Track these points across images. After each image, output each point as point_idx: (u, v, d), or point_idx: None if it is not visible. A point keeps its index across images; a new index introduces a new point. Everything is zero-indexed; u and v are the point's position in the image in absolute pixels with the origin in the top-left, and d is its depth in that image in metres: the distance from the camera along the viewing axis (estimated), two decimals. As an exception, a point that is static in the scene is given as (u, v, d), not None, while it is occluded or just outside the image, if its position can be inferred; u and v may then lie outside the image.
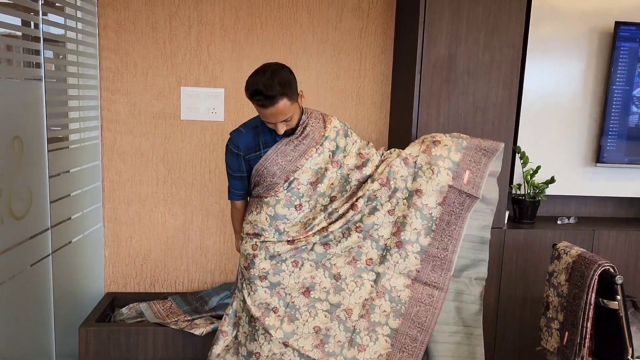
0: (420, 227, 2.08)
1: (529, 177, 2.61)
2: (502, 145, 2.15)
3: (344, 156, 2.09)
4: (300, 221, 2.06)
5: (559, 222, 2.68)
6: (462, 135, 2.17)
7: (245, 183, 2.11)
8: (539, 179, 2.65)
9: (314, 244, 2.07)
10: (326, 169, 2.05)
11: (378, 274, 2.08)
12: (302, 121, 2.03)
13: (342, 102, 2.84)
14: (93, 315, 2.55)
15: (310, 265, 2.07)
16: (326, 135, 2.04)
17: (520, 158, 2.59)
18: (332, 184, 2.08)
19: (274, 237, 2.05)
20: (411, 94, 2.43)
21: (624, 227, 2.64)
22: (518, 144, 2.64)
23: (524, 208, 2.61)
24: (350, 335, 2.07)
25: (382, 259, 2.09)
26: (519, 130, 2.66)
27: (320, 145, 2.03)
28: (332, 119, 2.09)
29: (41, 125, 2.13)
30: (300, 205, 2.05)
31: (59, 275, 2.31)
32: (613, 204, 2.90)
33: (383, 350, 2.07)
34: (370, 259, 2.09)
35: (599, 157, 2.67)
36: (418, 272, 2.08)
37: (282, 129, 1.92)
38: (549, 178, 2.62)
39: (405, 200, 2.10)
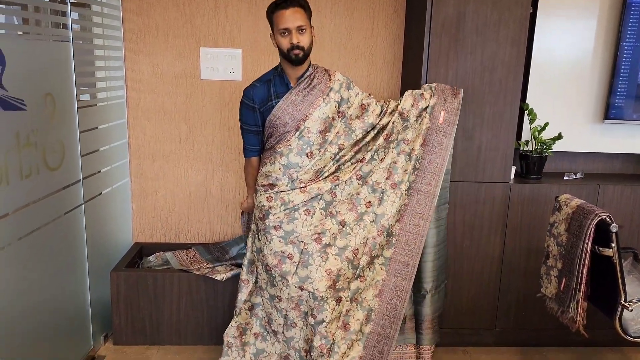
0: (408, 167, 2.28)
1: (536, 133, 2.68)
2: (462, 90, 2.35)
3: (348, 107, 2.25)
4: (312, 168, 2.21)
5: (565, 177, 2.76)
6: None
7: (259, 137, 2.25)
8: (546, 135, 2.72)
9: (323, 192, 2.22)
10: (333, 119, 2.21)
11: (377, 215, 2.26)
12: (309, 73, 2.18)
13: (354, 62, 2.92)
14: (123, 262, 2.75)
15: (321, 214, 2.22)
16: (331, 87, 2.20)
17: (528, 115, 2.66)
18: (337, 132, 2.24)
19: (287, 186, 2.20)
20: (420, 53, 2.51)
21: (630, 182, 2.71)
22: (526, 101, 2.70)
23: (530, 164, 2.69)
24: (356, 271, 2.26)
25: (380, 201, 2.27)
26: (528, 87, 2.71)
27: (327, 95, 2.19)
28: (335, 73, 2.26)
29: (70, 83, 2.29)
30: (311, 153, 2.20)
31: (91, 224, 2.51)
32: (621, 160, 2.95)
33: (379, 277, 2.28)
34: (369, 202, 2.26)
35: (607, 113, 2.72)
36: (406, 206, 2.26)
37: (296, 39, 2.07)
38: (557, 134, 2.68)
39: (394, 149, 2.28)
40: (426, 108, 2.29)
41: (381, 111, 2.31)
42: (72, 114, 2.31)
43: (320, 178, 2.23)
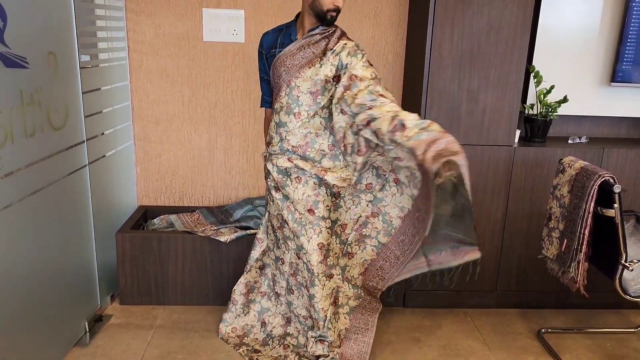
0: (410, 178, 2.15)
1: (542, 96, 2.65)
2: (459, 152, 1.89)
3: (344, 73, 2.11)
4: (299, 131, 2.17)
5: (570, 141, 2.74)
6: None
7: (269, 88, 2.28)
8: (552, 98, 2.69)
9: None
10: (326, 81, 2.12)
11: (376, 197, 2.24)
12: (319, 30, 2.13)
13: (359, 23, 2.88)
14: (128, 224, 2.78)
15: (314, 183, 2.21)
16: (333, 48, 2.11)
17: (534, 77, 2.63)
18: (332, 96, 2.15)
19: (277, 146, 2.20)
20: (426, 13, 2.47)
21: (635, 146, 2.70)
22: (533, 64, 2.67)
23: (535, 127, 2.68)
24: (343, 246, 2.28)
25: (382, 187, 2.23)
26: (535, 50, 2.68)
27: (324, 56, 2.11)
28: (347, 38, 2.16)
29: (72, 43, 2.27)
30: (299, 113, 2.16)
31: (96, 186, 2.52)
32: (627, 124, 2.93)
33: (368, 256, 2.30)
34: (370, 184, 2.24)
35: (614, 76, 2.69)
36: (409, 211, 2.19)
37: (339, 1, 2.05)
38: (562, 98, 2.66)
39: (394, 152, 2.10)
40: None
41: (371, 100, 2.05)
42: (75, 74, 2.30)
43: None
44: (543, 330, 2.59)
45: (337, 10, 2.08)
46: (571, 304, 2.80)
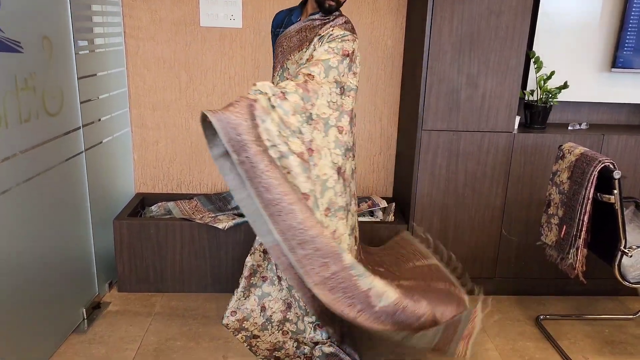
0: None
1: (542, 82, 2.63)
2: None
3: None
4: None
5: (569, 128, 2.73)
6: None
7: None
8: (552, 84, 2.67)
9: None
10: None
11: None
12: (318, 16, 2.10)
13: (357, 8, 2.85)
14: (125, 211, 2.76)
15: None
16: (321, 34, 2.06)
17: (534, 63, 2.61)
18: None
19: None
20: (426, -4, 2.44)
21: (635, 133, 2.68)
22: (533, 49, 2.65)
23: (535, 113, 2.66)
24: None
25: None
26: (535, 35, 2.65)
27: (311, 42, 2.09)
28: (343, 27, 2.05)
29: (67, 27, 2.24)
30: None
31: (93, 173, 2.50)
32: (627, 110, 2.91)
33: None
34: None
35: (614, 62, 2.67)
36: None
37: None
38: (562, 83, 2.64)
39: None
40: None
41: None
42: (70, 59, 2.27)
43: None
44: (541, 317, 2.59)
45: (337, 2, 2.04)
46: (569, 290, 2.80)
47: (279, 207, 1.66)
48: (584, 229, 2.11)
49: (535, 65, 2.61)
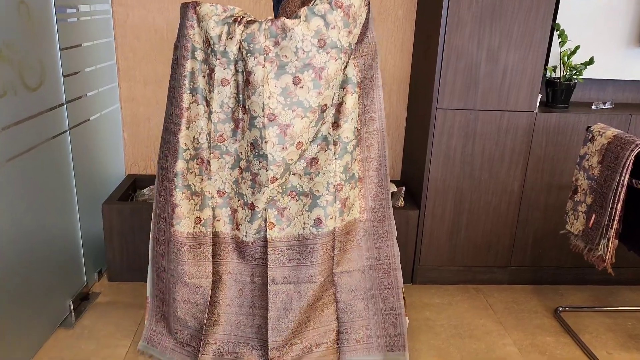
0: None
1: (566, 57, 2.43)
2: None
3: None
4: None
5: (593, 107, 2.54)
6: None
7: None
8: (575, 60, 2.48)
9: None
10: None
11: None
12: None
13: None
14: (115, 194, 2.56)
15: None
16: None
17: (559, 36, 2.40)
18: None
19: None
20: (444, -39, 2.22)
21: (663, 112, 2.50)
22: (557, 21, 2.44)
23: (557, 91, 2.47)
24: None
25: None
26: (559, 8, 2.45)
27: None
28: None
29: (47, -8, 2.01)
30: None
31: (79, 153, 2.29)
32: (653, 89, 2.73)
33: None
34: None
35: (644, 36, 2.47)
36: None
37: None
38: (588, 59, 2.44)
39: None
40: None
41: None
42: (51, 28, 2.04)
43: None
44: (560, 309, 2.44)
45: None
46: (588, 279, 2.66)
47: None
48: (616, 218, 1.94)
49: (560, 39, 2.40)
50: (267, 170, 1.79)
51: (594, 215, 2.03)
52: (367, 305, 1.97)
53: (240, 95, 1.79)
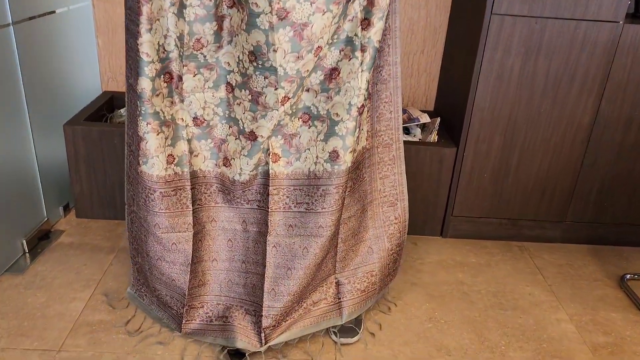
0: None
1: (669, -51, 1.82)
2: None
3: None
4: None
5: (696, 20, 1.94)
6: None
7: None
8: (682, -46, 1.86)
9: None
10: None
11: None
12: None
13: None
14: (83, 113, 2.10)
15: None
16: None
17: None
18: None
19: None
20: None
21: None
22: None
23: (653, -4, 1.87)
24: None
25: None
26: None
27: None
28: None
29: None
30: None
31: (30, 58, 1.81)
32: None
33: None
34: None
35: None
36: None
37: None
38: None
39: None
40: None
41: None
42: None
43: None
44: (628, 277, 1.95)
45: None
46: (661, 241, 2.15)
47: None
48: None
49: None
50: (276, 89, 1.29)
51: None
52: (371, 248, 1.53)
53: None
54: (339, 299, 1.54)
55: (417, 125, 2.21)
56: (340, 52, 1.31)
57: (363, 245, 1.56)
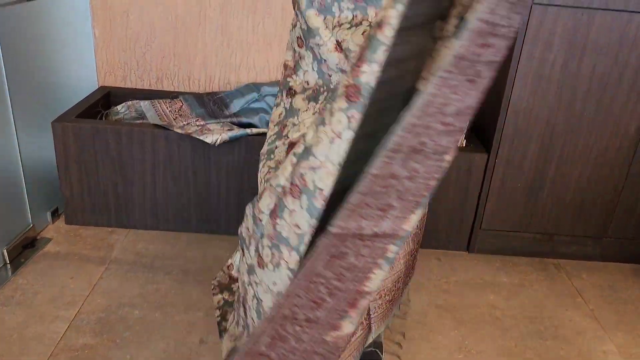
0: None
1: None
2: None
3: None
4: None
5: None
6: None
7: None
8: None
9: None
10: None
11: None
12: None
13: None
14: (75, 109, 1.91)
15: None
16: None
17: None
18: None
19: None
20: None
21: None
22: None
23: None
24: None
25: None
26: None
27: None
28: None
29: None
30: None
31: (14, 45, 1.63)
32: None
33: None
34: None
35: None
36: None
37: None
38: None
39: None
40: None
41: None
42: None
43: None
44: (679, 302, 1.74)
45: None
46: None
47: None
48: None
49: None
50: None
51: None
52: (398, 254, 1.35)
53: None
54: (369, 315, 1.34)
55: (441, 128, 2.00)
56: None
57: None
